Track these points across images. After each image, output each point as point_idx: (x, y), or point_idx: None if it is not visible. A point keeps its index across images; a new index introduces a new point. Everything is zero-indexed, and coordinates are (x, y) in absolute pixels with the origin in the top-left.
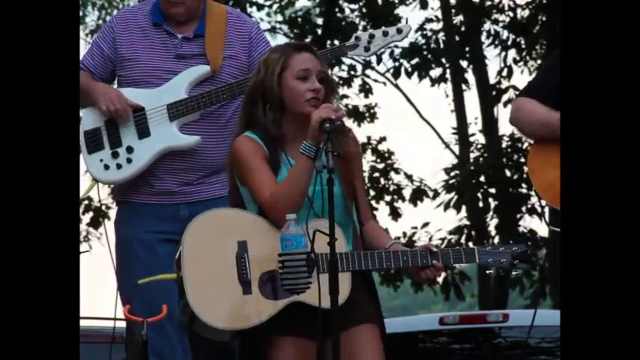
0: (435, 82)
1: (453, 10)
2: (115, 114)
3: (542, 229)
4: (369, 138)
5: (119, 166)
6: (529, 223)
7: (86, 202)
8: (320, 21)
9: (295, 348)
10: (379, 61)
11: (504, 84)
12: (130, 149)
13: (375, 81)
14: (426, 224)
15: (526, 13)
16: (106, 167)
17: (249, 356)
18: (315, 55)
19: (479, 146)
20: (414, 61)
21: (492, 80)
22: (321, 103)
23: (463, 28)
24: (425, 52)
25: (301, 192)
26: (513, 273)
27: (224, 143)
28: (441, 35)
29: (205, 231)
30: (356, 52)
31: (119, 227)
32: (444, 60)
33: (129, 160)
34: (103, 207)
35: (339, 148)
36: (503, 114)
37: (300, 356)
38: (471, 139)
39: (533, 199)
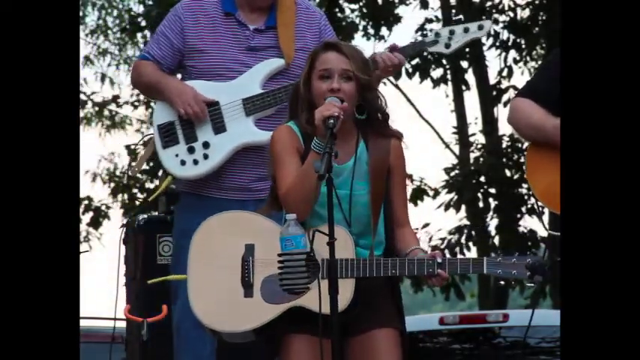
0: (436, 83)
1: (453, 10)
2: (193, 117)
3: (542, 229)
4: None
5: (196, 162)
6: (529, 223)
7: (86, 202)
8: None
9: (308, 345)
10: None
11: (504, 84)
12: (206, 145)
13: None
14: (426, 225)
15: (526, 13)
16: (183, 163)
17: (271, 354)
18: (343, 54)
19: (479, 146)
20: (414, 62)
21: (492, 80)
22: (352, 101)
23: None
24: (425, 53)
25: (310, 187)
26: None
27: None
28: None
29: (216, 232)
30: (436, 48)
31: (180, 216)
32: (444, 60)
33: (205, 156)
34: (103, 207)
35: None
36: (503, 114)
37: (313, 354)
38: (471, 139)
39: (533, 199)
